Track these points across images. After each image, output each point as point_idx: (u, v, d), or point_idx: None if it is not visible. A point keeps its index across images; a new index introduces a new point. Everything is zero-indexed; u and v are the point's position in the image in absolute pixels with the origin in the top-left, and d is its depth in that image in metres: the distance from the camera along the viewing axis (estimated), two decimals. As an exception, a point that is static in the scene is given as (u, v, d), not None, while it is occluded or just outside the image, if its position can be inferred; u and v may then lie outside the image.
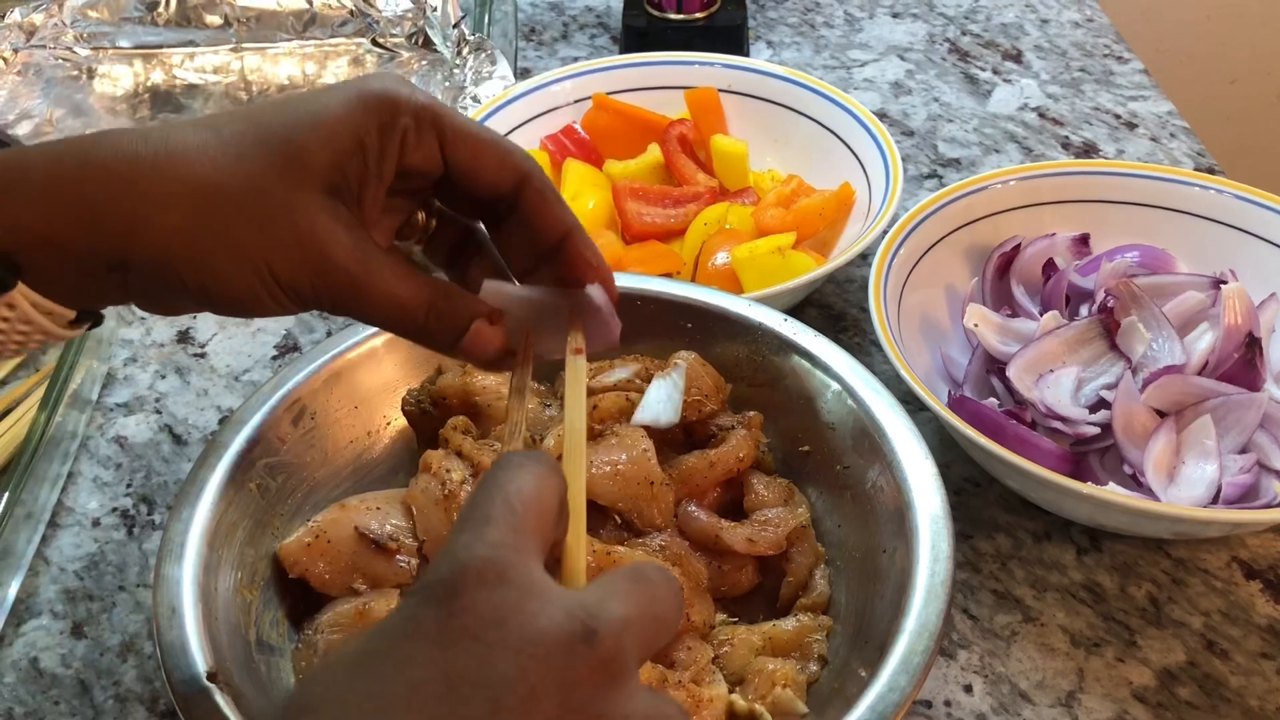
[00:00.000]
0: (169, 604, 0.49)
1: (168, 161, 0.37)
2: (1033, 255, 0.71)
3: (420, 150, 0.40)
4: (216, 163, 0.37)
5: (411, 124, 0.39)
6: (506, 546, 0.28)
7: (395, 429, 0.62)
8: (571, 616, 0.27)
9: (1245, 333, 0.63)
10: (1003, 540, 0.63)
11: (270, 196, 0.37)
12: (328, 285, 0.38)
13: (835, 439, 0.58)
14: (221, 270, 0.37)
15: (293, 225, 0.37)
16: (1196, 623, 0.58)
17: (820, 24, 1.08)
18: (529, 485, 0.31)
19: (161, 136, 0.37)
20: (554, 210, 0.42)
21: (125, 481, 0.67)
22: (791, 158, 0.84)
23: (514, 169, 0.41)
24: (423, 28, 1.00)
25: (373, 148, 0.39)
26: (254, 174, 0.37)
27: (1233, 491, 0.59)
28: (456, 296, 0.41)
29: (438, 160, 0.40)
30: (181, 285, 0.38)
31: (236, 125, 0.38)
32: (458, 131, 0.40)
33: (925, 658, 0.46)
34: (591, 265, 0.42)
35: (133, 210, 0.37)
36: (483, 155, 0.41)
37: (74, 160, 0.37)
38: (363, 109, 0.39)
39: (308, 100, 0.39)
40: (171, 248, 0.37)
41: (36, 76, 0.98)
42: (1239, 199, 0.71)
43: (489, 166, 0.41)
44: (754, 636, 0.52)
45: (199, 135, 0.38)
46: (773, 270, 0.71)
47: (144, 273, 0.38)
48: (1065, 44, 1.04)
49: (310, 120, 0.38)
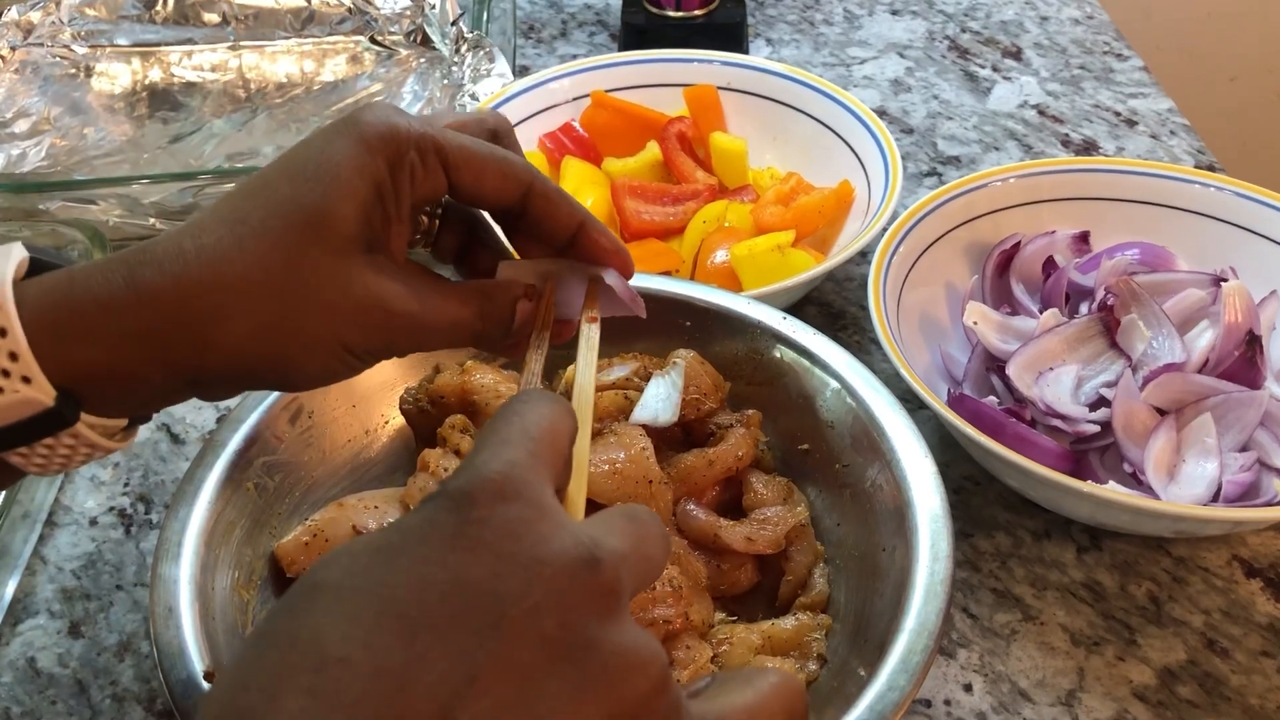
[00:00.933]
0: (166, 603, 0.49)
1: (213, 273, 0.37)
2: (1033, 253, 0.71)
3: (429, 181, 0.40)
4: (258, 258, 0.37)
5: (416, 158, 0.40)
6: (523, 466, 0.30)
7: (393, 428, 0.62)
8: (579, 544, 0.28)
9: (1245, 330, 0.63)
10: (1002, 539, 0.62)
11: (320, 274, 0.37)
12: (397, 337, 0.40)
13: (834, 437, 0.58)
14: (297, 360, 0.38)
15: (350, 295, 0.38)
16: (1197, 621, 0.58)
17: (820, 21, 1.08)
18: (546, 417, 0.32)
19: (195, 245, 0.37)
20: (563, 209, 0.43)
21: (123, 480, 0.67)
22: (791, 155, 0.84)
23: (517, 181, 0.42)
24: (421, 25, 1.00)
25: (388, 192, 0.39)
26: (296, 257, 0.37)
27: (1233, 490, 0.59)
28: (494, 290, 0.42)
29: (444, 186, 0.41)
30: (254, 382, 0.39)
31: (260, 209, 0.38)
32: (460, 156, 0.41)
33: (925, 657, 0.46)
34: (609, 250, 0.44)
35: (197, 332, 0.37)
36: (486, 173, 0.41)
37: (122, 287, 0.36)
38: (370, 154, 0.38)
39: (315, 159, 0.38)
40: (244, 356, 0.38)
41: (34, 74, 0.98)
42: (1239, 196, 0.71)
43: (493, 183, 0.41)
44: (753, 635, 0.52)
45: (231, 231, 0.37)
46: (772, 268, 0.71)
47: (220, 380, 0.39)
48: (1065, 41, 1.04)
49: (328, 182, 0.38)
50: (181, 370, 0.37)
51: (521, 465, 0.30)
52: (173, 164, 0.90)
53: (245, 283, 0.37)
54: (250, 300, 0.37)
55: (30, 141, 0.92)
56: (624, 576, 0.29)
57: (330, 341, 0.38)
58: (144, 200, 0.79)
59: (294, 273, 0.37)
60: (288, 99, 0.97)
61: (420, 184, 0.40)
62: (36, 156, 0.91)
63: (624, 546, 0.30)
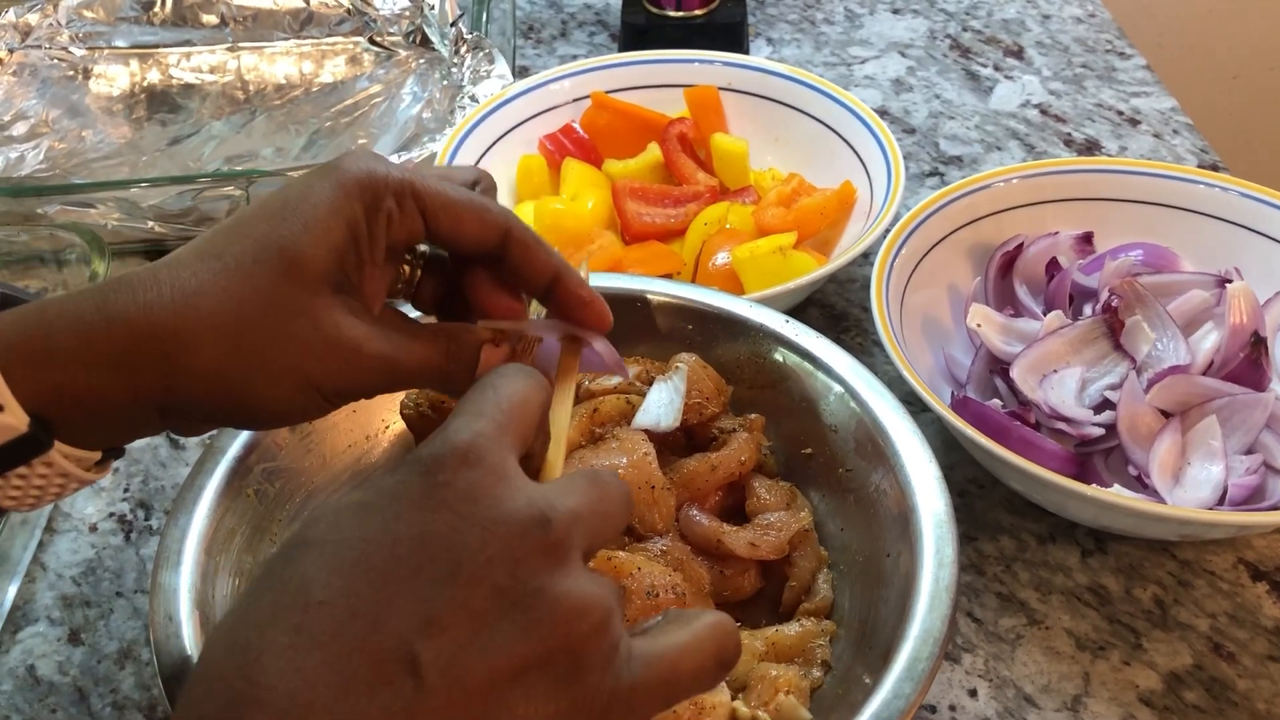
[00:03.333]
0: (166, 611, 0.49)
1: (185, 303, 0.38)
2: (1036, 254, 0.71)
3: (405, 227, 0.41)
4: (230, 291, 0.38)
5: (394, 204, 0.41)
6: (488, 436, 0.33)
7: (394, 433, 0.62)
8: (531, 504, 0.32)
9: (1251, 332, 0.63)
10: (1007, 542, 0.62)
11: (289, 310, 0.38)
12: (364, 378, 0.40)
13: (838, 441, 0.57)
14: (262, 393, 0.39)
15: (320, 332, 0.39)
16: (1203, 625, 0.58)
17: (820, 21, 1.07)
18: (517, 392, 0.36)
19: (170, 276, 0.38)
20: (539, 257, 0.43)
21: (123, 487, 0.67)
22: (792, 156, 0.84)
23: (494, 226, 0.42)
24: (420, 26, 1.00)
25: (363, 235, 0.40)
26: (268, 292, 0.38)
27: (1239, 493, 0.59)
28: (460, 332, 0.43)
29: (421, 230, 0.42)
30: (225, 414, 0.40)
31: (236, 246, 0.39)
32: (437, 201, 0.41)
33: (930, 664, 0.45)
34: (585, 300, 0.44)
35: (166, 357, 0.37)
36: (463, 220, 0.42)
37: (94, 315, 0.37)
38: (346, 198, 0.40)
39: (293, 201, 0.40)
40: (210, 385, 0.38)
41: (32, 77, 0.98)
42: (1243, 196, 0.71)
43: (470, 230, 0.42)
44: (757, 642, 0.52)
45: (206, 266, 0.38)
46: (774, 270, 0.70)
47: (186, 410, 0.39)
48: (1067, 40, 1.04)
49: (303, 222, 0.39)
50: (150, 396, 0.38)
51: (487, 435, 0.33)
52: (171, 166, 0.90)
53: (216, 313, 0.38)
54: (220, 330, 0.38)
55: (28, 145, 0.92)
56: (575, 533, 0.33)
57: (297, 376, 0.39)
58: (143, 203, 0.79)
59: (265, 307, 0.38)
60: (287, 100, 0.97)
61: (396, 228, 0.41)
62: (35, 160, 0.90)
63: (579, 506, 0.33)
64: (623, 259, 0.75)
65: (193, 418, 0.40)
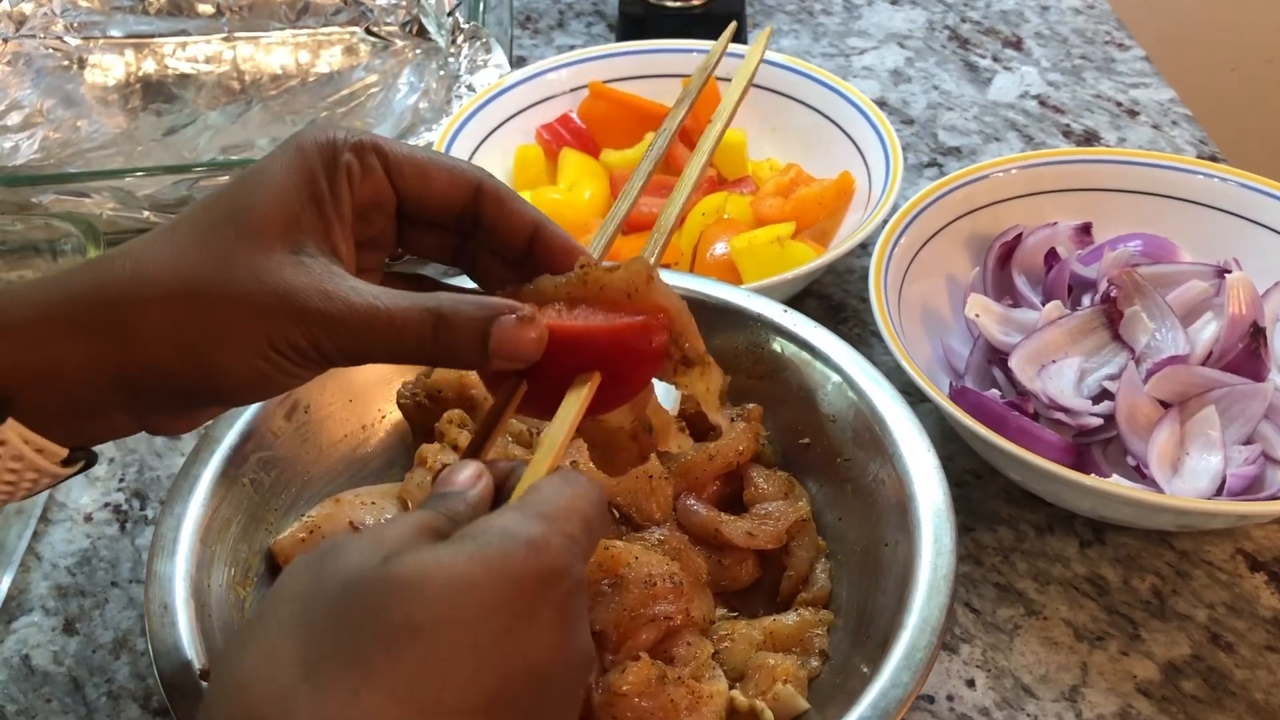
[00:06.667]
0: (162, 600, 0.48)
1: (139, 270, 0.38)
2: (1034, 245, 0.71)
3: (368, 181, 0.40)
4: (184, 257, 0.38)
5: (353, 158, 0.40)
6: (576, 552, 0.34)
7: (390, 423, 0.61)
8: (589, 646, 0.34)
9: (1250, 322, 0.63)
10: (1005, 533, 0.62)
11: (239, 270, 0.38)
12: (323, 333, 0.38)
13: (836, 431, 0.57)
14: (219, 358, 0.38)
15: (267, 288, 0.37)
16: (1201, 615, 0.58)
17: (819, 11, 1.07)
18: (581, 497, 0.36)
19: (127, 250, 0.38)
20: (515, 208, 0.42)
21: (118, 476, 0.67)
22: (790, 147, 0.83)
23: (465, 180, 0.42)
24: (417, 16, 0.99)
25: (323, 194, 0.39)
26: (219, 256, 0.38)
27: (1237, 483, 0.58)
28: (466, 300, 0.39)
29: (388, 189, 0.41)
30: (185, 386, 0.38)
31: (194, 217, 0.39)
32: (400, 157, 0.41)
33: (928, 653, 0.45)
34: (570, 250, 0.42)
35: (119, 323, 0.37)
36: (431, 175, 0.41)
37: (54, 290, 0.38)
38: (302, 159, 0.39)
39: (253, 172, 0.40)
40: (164, 350, 0.37)
41: (26, 67, 0.97)
42: (1242, 187, 0.70)
43: (440, 185, 0.41)
44: (754, 632, 0.52)
45: (162, 238, 0.39)
46: (771, 260, 0.70)
47: (145, 383, 0.38)
48: (1066, 31, 1.03)
49: (257, 190, 0.39)
50: (106, 366, 0.37)
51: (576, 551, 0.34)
52: (167, 156, 0.89)
53: (167, 277, 0.37)
54: (171, 291, 0.37)
55: (23, 134, 0.91)
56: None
57: (249, 337, 0.37)
58: (138, 193, 0.78)
59: (216, 267, 0.37)
60: (283, 91, 0.96)
61: (360, 184, 0.40)
62: (29, 149, 0.90)
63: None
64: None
65: (158, 396, 0.39)
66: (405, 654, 0.29)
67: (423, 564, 0.31)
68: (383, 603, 0.30)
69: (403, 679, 0.29)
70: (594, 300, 0.39)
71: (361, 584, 0.30)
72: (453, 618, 0.30)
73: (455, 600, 0.30)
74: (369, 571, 0.31)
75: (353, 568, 0.31)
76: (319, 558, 0.32)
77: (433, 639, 0.30)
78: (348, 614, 0.30)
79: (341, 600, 0.30)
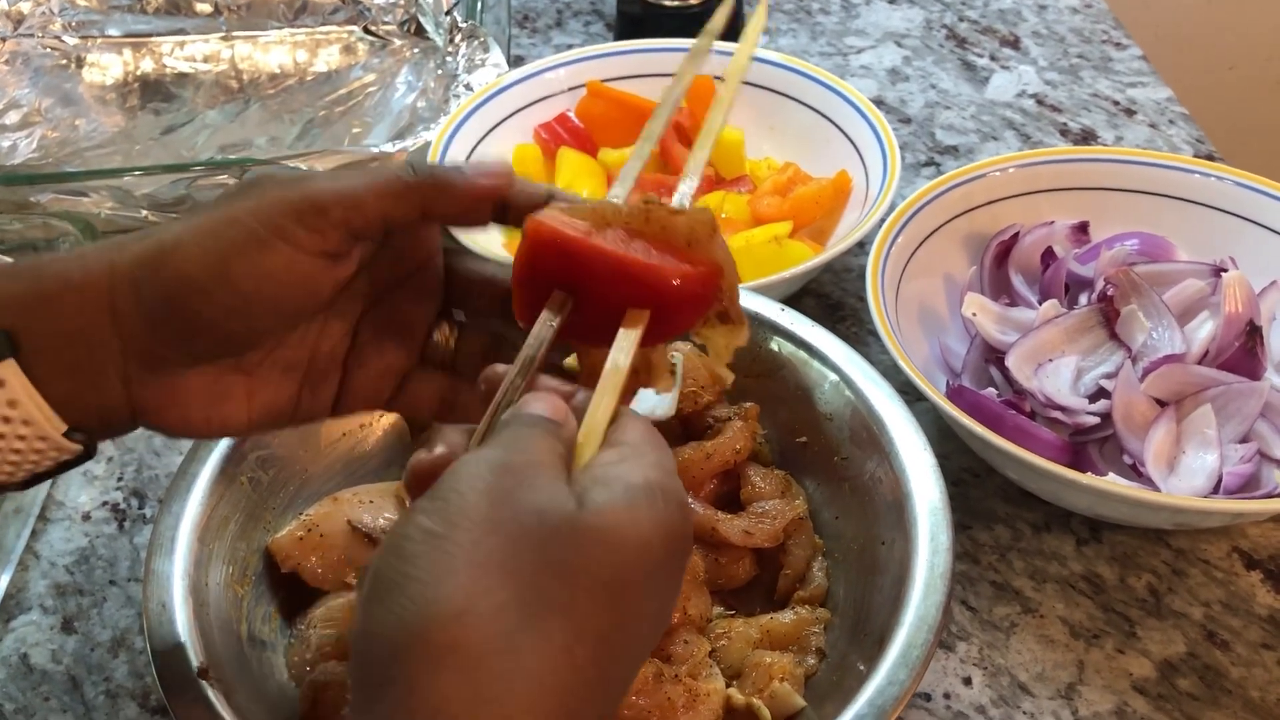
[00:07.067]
0: (159, 599, 0.48)
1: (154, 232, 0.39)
2: (1031, 243, 0.71)
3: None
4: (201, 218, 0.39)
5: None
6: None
7: (388, 421, 0.62)
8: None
9: (1246, 321, 0.63)
10: (1002, 531, 0.62)
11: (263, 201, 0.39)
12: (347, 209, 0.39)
13: (833, 430, 0.57)
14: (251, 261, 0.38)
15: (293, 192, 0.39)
16: (1197, 613, 0.58)
17: (816, 10, 1.07)
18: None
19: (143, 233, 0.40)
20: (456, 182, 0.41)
21: (116, 475, 0.67)
22: (788, 146, 0.84)
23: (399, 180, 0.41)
24: (415, 15, 0.99)
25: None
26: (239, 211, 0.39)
27: (1233, 481, 0.59)
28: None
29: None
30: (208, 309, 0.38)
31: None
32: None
33: (925, 651, 0.46)
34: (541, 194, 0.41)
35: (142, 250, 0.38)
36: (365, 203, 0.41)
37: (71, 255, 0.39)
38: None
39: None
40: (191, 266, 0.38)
41: (24, 66, 0.97)
42: (1239, 186, 0.71)
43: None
44: (751, 630, 0.52)
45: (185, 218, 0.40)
46: (769, 259, 0.70)
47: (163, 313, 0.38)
48: (1063, 30, 1.03)
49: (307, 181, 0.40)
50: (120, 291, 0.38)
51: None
52: (165, 155, 0.90)
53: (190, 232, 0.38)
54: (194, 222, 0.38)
55: (21, 133, 0.91)
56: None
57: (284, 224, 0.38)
58: (136, 192, 0.78)
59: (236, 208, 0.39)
60: (280, 90, 0.96)
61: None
62: (27, 148, 0.90)
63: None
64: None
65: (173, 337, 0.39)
66: (607, 609, 0.31)
67: (619, 518, 0.31)
68: (592, 555, 0.31)
69: (602, 635, 0.30)
70: (653, 239, 0.38)
71: (569, 530, 0.31)
72: (640, 576, 0.31)
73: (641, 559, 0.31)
74: (571, 516, 0.31)
75: (555, 508, 0.31)
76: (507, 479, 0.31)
77: (626, 596, 0.31)
78: (559, 562, 0.30)
79: (551, 544, 0.30)
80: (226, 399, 0.41)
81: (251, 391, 0.41)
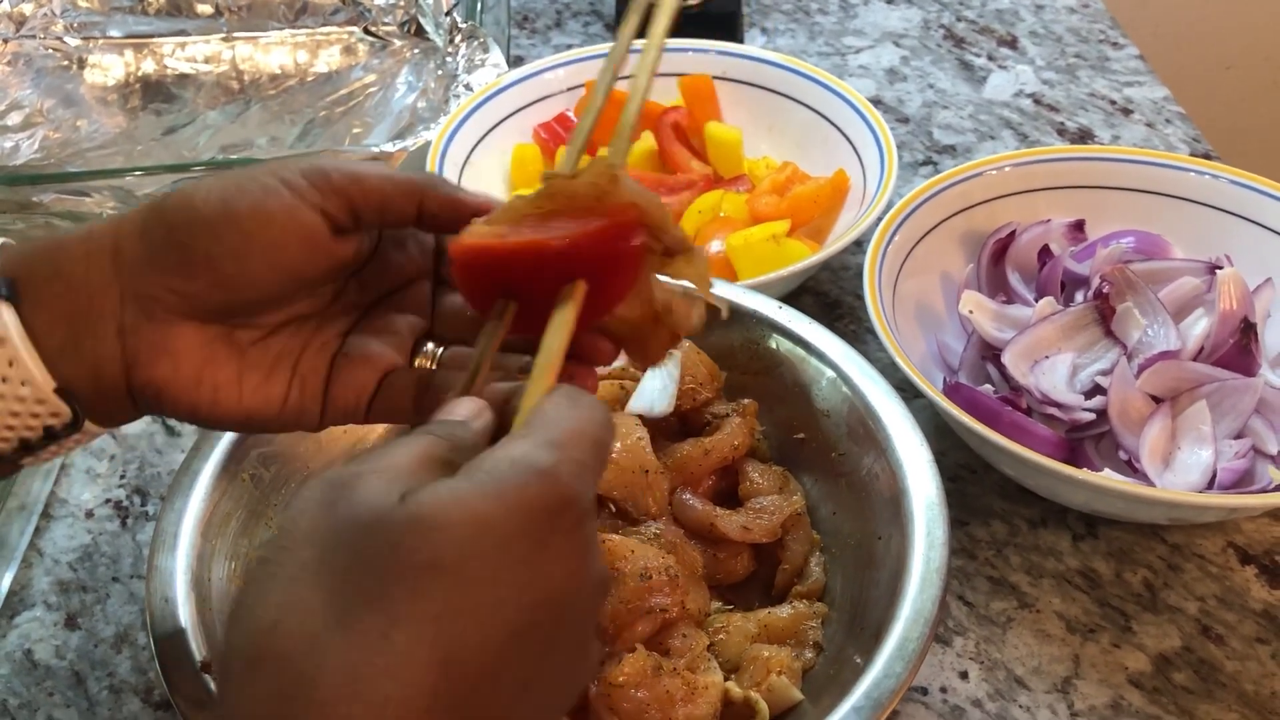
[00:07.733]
0: (163, 594, 0.49)
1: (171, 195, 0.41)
2: (1028, 241, 0.71)
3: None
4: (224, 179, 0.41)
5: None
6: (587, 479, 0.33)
7: (389, 419, 0.62)
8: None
9: (1241, 318, 0.63)
10: (998, 527, 0.63)
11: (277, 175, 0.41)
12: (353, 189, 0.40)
13: (830, 426, 0.58)
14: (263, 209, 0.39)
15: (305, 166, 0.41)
16: (1192, 608, 0.58)
17: (815, 10, 1.07)
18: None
19: None
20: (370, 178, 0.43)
21: (118, 473, 0.67)
22: (786, 145, 0.84)
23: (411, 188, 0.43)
24: (415, 15, 1.00)
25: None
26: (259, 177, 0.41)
27: (1228, 477, 0.59)
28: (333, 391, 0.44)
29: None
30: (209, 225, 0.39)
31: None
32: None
33: (921, 644, 0.46)
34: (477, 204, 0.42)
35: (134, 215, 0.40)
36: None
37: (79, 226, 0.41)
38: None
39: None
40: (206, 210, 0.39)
41: (26, 67, 0.98)
42: (1234, 184, 0.71)
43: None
44: (749, 624, 0.52)
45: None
46: (767, 258, 0.71)
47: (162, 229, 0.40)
48: (1060, 30, 1.04)
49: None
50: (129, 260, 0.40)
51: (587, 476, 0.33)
52: (166, 156, 0.90)
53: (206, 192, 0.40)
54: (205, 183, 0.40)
55: (23, 134, 0.92)
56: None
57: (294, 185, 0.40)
58: (138, 192, 0.79)
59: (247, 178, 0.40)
60: (281, 90, 0.97)
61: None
62: (29, 149, 0.90)
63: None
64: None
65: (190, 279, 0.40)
66: (429, 593, 0.29)
67: (440, 501, 0.30)
68: (405, 543, 0.30)
69: (429, 618, 0.29)
70: (566, 211, 0.37)
71: (382, 525, 0.30)
72: (472, 554, 0.30)
73: (473, 537, 0.30)
74: (388, 510, 0.30)
75: (371, 507, 0.30)
76: (332, 492, 0.31)
77: (455, 577, 0.30)
78: (371, 556, 0.30)
79: (363, 542, 0.30)
80: (217, 364, 0.41)
81: (242, 372, 0.42)
